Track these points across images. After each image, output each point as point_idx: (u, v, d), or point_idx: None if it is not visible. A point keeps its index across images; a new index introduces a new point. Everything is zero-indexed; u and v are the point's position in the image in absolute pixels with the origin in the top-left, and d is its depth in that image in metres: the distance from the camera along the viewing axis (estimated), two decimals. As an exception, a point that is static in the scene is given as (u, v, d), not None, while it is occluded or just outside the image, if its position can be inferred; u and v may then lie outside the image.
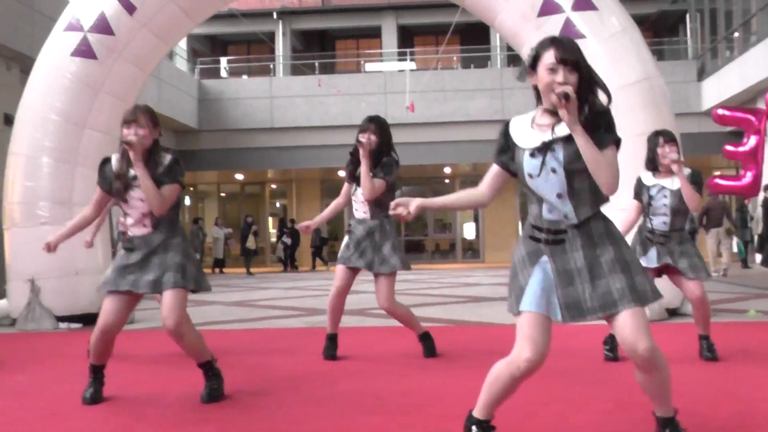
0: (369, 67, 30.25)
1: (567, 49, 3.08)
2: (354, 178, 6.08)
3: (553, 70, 3.06)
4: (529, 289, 3.14)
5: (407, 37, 31.50)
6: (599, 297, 3.09)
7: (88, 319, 9.25)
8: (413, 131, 23.16)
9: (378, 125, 5.91)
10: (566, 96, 2.96)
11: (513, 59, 26.73)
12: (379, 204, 5.93)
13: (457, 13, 17.06)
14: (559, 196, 3.13)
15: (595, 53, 8.24)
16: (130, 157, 4.55)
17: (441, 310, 10.13)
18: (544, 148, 3.13)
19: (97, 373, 4.84)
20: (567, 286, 3.12)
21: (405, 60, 29.40)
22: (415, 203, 3.22)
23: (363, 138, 5.84)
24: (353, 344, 6.68)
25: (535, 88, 3.20)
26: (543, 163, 3.13)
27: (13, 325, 9.30)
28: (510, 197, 26.55)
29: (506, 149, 3.27)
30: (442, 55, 27.87)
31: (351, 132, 6.16)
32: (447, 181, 29.20)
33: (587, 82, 3.08)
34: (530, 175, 3.16)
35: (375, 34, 31.13)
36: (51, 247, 4.97)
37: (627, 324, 3.05)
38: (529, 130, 3.20)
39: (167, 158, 4.63)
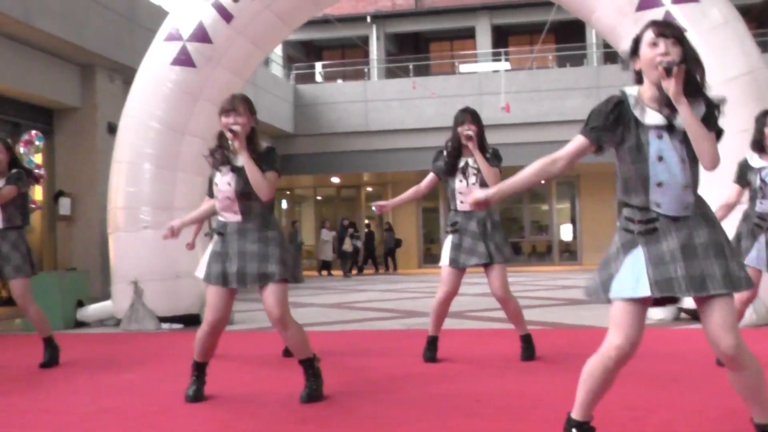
0: (463, 68, 30.11)
1: (667, 24, 3.06)
2: (455, 172, 6.00)
3: (654, 45, 3.01)
4: (618, 276, 3.06)
5: (501, 37, 31.25)
6: (691, 277, 2.98)
7: (189, 320, 9.49)
8: (508, 132, 22.94)
9: (473, 115, 5.96)
10: (669, 69, 2.91)
11: (610, 57, 26.23)
12: None
13: (553, 11, 16.87)
14: (686, 186, 3.03)
15: (696, 47, 8.00)
16: (229, 145, 4.69)
17: (539, 313, 10.00)
18: (672, 130, 3.04)
19: (200, 371, 4.94)
20: (658, 265, 3.01)
21: (499, 60, 29.16)
22: (487, 193, 3.22)
23: (466, 130, 5.84)
24: (452, 346, 6.64)
25: (637, 75, 3.13)
26: (673, 145, 3.02)
27: (117, 325, 9.59)
28: (608, 198, 26.04)
29: (613, 125, 3.09)
30: (537, 55, 27.56)
31: (446, 134, 6.14)
32: (543, 182, 28.82)
33: (693, 59, 3.02)
34: (660, 158, 3.02)
35: (469, 35, 30.98)
36: (175, 232, 5.00)
37: (714, 316, 2.96)
38: (650, 109, 3.07)
39: (264, 145, 4.74)
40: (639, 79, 3.13)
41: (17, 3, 12.60)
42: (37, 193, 15.38)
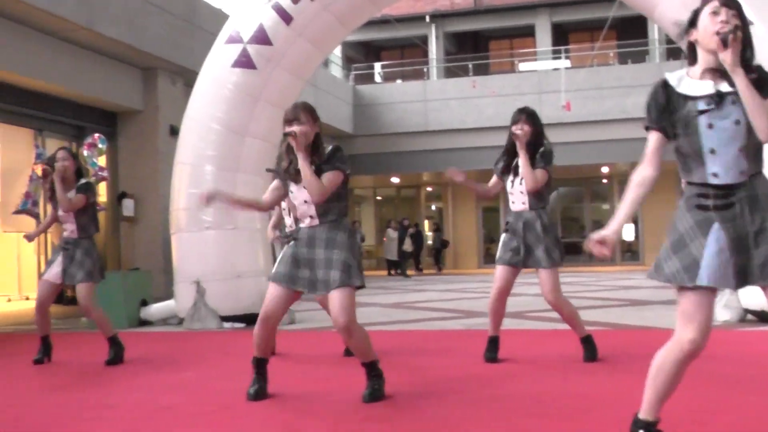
0: (523, 66, 29.89)
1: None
2: (509, 171, 6.01)
3: (715, 13, 2.99)
4: (705, 261, 2.96)
5: (562, 35, 30.93)
6: (760, 265, 2.92)
7: (251, 320, 9.56)
8: (569, 131, 22.70)
9: (529, 115, 5.91)
10: (726, 39, 2.89)
11: (672, 53, 25.80)
12: (537, 195, 5.89)
13: (614, 7, 16.64)
14: (740, 150, 2.98)
15: (764, 40, 7.81)
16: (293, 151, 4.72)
17: (600, 314, 9.87)
18: (721, 97, 3.00)
19: (261, 368, 4.98)
20: (740, 253, 2.95)
21: (560, 58, 28.87)
22: (609, 238, 3.12)
23: (516, 129, 5.82)
24: (513, 346, 6.58)
25: (690, 48, 3.11)
26: (723, 112, 2.99)
27: (180, 324, 9.73)
28: (671, 197, 25.55)
29: (665, 108, 3.10)
30: (597, 52, 27.22)
31: (505, 133, 6.10)
32: (605, 181, 28.49)
33: (748, 33, 2.99)
34: (710, 125, 2.99)
35: (529, 32, 30.73)
36: (208, 198, 4.91)
37: None
38: (696, 81, 3.07)
39: (329, 149, 4.82)
40: (691, 53, 3.12)
41: (81, 9, 12.85)
42: (101, 195, 15.68)
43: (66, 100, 14.83)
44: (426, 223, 30.14)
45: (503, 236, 6.04)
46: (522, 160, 5.81)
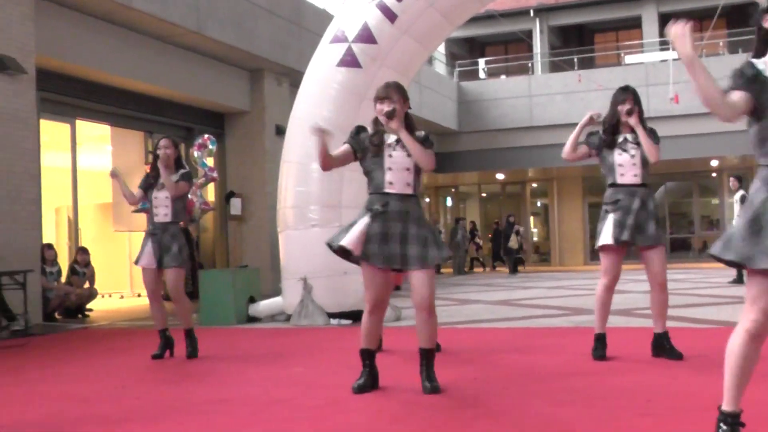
0: (629, 59, 29.24)
1: None
2: (613, 146, 5.91)
3: None
4: None
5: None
6: None
7: (357, 316, 9.63)
8: (677, 124, 22.10)
9: (635, 94, 5.90)
10: None
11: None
12: (647, 171, 5.88)
13: (725, -4, 16.08)
14: None
15: None
16: (382, 129, 4.92)
17: (711, 311, 9.57)
18: None
19: (370, 359, 5.01)
20: None
21: (667, 49, 28.07)
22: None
23: (626, 106, 5.84)
24: (621, 344, 6.45)
25: (764, 34, 3.10)
26: None
27: (288, 320, 9.85)
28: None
29: (754, 80, 3.03)
30: (707, 42, 26.40)
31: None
32: (714, 174, 27.62)
33: None
34: None
35: (635, 24, 30.05)
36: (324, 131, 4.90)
37: None
38: None
39: (421, 134, 4.97)
40: (762, 40, 3.10)
41: (191, 14, 13.21)
42: (210, 194, 16.09)
43: (175, 102, 15.28)
44: (531, 219, 29.82)
45: (612, 215, 5.84)
46: (643, 135, 5.77)
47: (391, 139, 4.92)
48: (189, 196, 8.45)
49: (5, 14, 10.61)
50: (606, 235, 5.83)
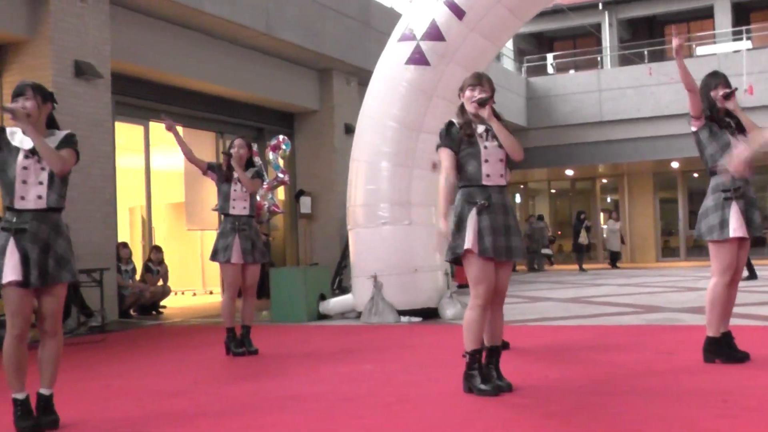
0: (700, 50, 28.60)
1: None
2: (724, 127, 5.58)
3: None
4: None
5: (742, 15, 29.33)
6: None
7: (427, 314, 9.64)
8: (752, 116, 21.39)
9: (725, 77, 5.71)
10: None
11: None
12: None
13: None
14: None
15: None
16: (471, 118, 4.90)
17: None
18: None
19: (480, 357, 4.78)
20: None
21: (741, 39, 27.40)
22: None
23: (721, 91, 5.59)
24: (697, 342, 6.30)
25: None
26: None
27: (358, 317, 9.90)
28: None
29: None
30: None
31: (683, 120, 5.80)
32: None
33: None
34: None
35: (707, 14, 29.36)
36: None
37: None
38: None
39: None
40: None
41: (260, 16, 13.38)
42: (280, 192, 16.26)
43: (246, 103, 15.48)
44: (601, 215, 29.40)
45: (734, 204, 5.39)
46: (744, 117, 5.57)
47: (480, 129, 4.86)
48: (257, 197, 8.57)
49: (83, 22, 10.91)
50: (737, 227, 5.35)
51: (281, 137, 12.26)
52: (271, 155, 11.97)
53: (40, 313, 4.35)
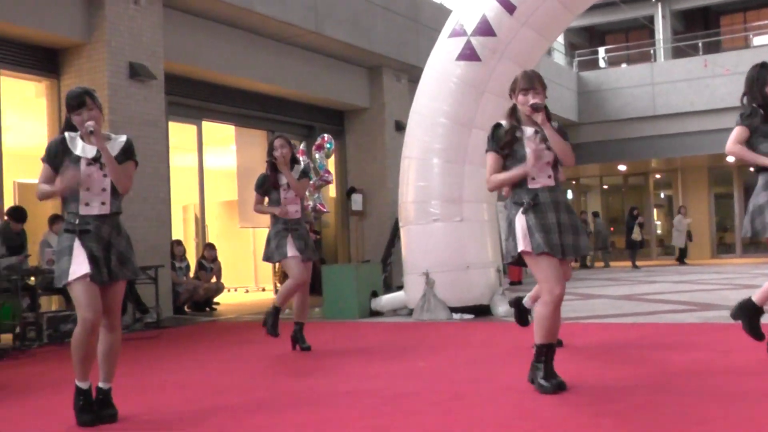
0: (758, 40, 28.05)
1: None
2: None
3: None
4: None
5: (804, 2, 28.74)
6: None
7: (480, 311, 9.60)
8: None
9: None
10: None
11: None
12: None
13: None
14: None
15: None
16: (520, 120, 4.87)
17: None
18: None
19: (549, 355, 4.72)
20: None
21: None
22: None
23: None
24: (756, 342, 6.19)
25: None
26: None
27: (410, 315, 9.90)
28: None
29: None
30: None
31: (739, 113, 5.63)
32: None
33: None
34: None
35: (764, 3, 28.78)
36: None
37: None
38: None
39: (555, 123, 4.88)
40: None
41: (309, 15, 13.46)
42: (331, 190, 16.33)
43: (296, 101, 15.58)
44: (654, 212, 29.03)
45: None
46: None
47: (530, 131, 4.82)
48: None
49: (136, 24, 11.08)
50: None
51: (325, 136, 12.30)
52: (317, 155, 12.02)
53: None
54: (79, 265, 4.29)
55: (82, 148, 4.44)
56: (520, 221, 4.69)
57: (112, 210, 4.44)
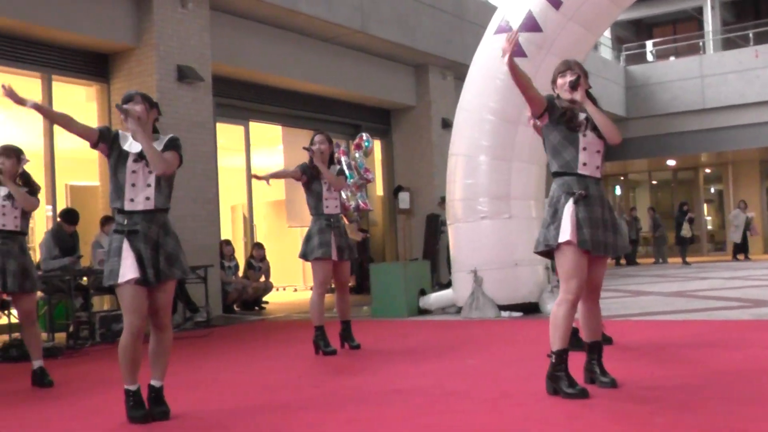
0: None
1: None
2: None
3: None
4: None
5: None
6: None
7: (528, 309, 9.54)
8: None
9: None
10: None
11: None
12: None
13: None
14: None
15: None
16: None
17: None
18: None
19: (566, 358, 4.57)
20: None
21: None
22: None
23: None
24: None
25: None
26: None
27: (458, 313, 9.86)
28: None
29: None
30: None
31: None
32: None
33: None
34: None
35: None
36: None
37: None
38: None
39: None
40: None
41: (355, 15, 13.50)
42: (378, 188, 16.35)
43: (342, 101, 15.64)
44: (705, 207, 28.60)
45: None
46: None
47: (581, 117, 4.70)
48: (343, 196, 8.61)
49: (184, 28, 11.22)
50: None
51: (363, 135, 12.31)
52: (357, 154, 12.03)
53: (151, 308, 4.51)
54: (128, 268, 4.35)
55: (129, 144, 4.53)
56: (570, 212, 4.55)
57: (157, 206, 4.47)
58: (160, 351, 4.57)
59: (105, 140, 4.54)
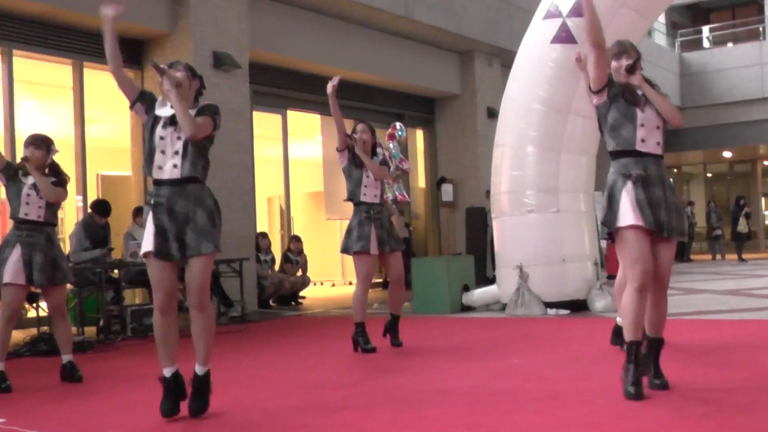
0: None
1: None
2: None
3: None
4: None
5: None
6: None
7: (576, 306, 9.25)
8: None
9: None
10: None
11: None
12: None
13: None
14: None
15: None
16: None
17: None
18: None
19: (637, 353, 4.37)
20: None
21: None
22: None
23: None
24: None
25: None
26: None
27: (503, 310, 9.60)
28: None
29: None
30: None
31: None
32: None
33: None
34: None
35: None
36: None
37: None
38: None
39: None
40: None
41: (398, 0, 13.21)
42: (420, 179, 16.06)
43: (385, 89, 15.39)
44: (763, 201, 27.89)
45: None
46: None
47: (639, 92, 4.57)
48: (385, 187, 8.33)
49: (222, 14, 11.04)
50: None
51: (396, 124, 11.97)
52: (391, 145, 11.70)
53: (186, 288, 4.37)
54: (148, 240, 4.23)
55: (162, 109, 4.40)
56: (628, 194, 4.37)
57: (183, 174, 4.30)
58: (200, 332, 4.38)
59: (144, 101, 4.45)
